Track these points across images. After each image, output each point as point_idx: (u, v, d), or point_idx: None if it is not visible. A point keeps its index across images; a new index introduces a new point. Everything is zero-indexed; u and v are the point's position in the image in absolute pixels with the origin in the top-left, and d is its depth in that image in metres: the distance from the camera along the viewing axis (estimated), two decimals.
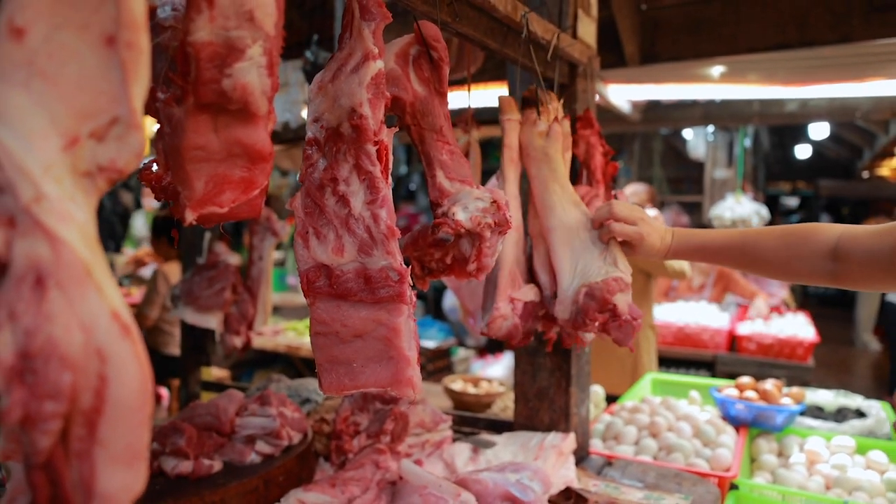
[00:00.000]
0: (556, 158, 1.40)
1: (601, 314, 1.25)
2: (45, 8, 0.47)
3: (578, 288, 1.28)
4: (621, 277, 1.30)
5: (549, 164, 1.39)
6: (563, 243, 1.37)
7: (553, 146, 1.39)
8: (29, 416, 0.43)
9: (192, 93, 0.60)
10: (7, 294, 0.44)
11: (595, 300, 1.25)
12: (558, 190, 1.40)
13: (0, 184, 0.45)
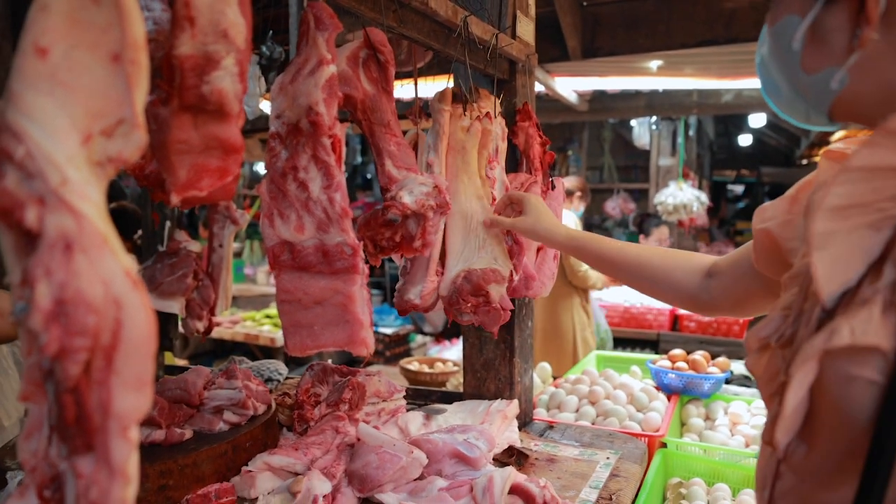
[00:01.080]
0: (471, 152, 1.54)
1: (474, 298, 1.41)
2: (63, 31, 0.60)
3: (459, 271, 1.44)
4: (498, 270, 1.46)
5: (464, 157, 1.54)
6: (457, 229, 1.52)
7: (470, 141, 1.54)
8: (63, 349, 0.55)
9: (177, 96, 0.72)
10: (42, 257, 0.56)
11: (471, 284, 1.41)
12: (466, 180, 1.54)
13: (32, 171, 0.57)
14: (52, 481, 0.69)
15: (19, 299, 0.62)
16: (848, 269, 0.67)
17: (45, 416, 0.69)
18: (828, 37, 0.71)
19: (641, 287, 1.37)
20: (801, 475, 0.74)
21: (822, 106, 0.75)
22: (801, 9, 0.72)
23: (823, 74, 0.72)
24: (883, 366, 0.61)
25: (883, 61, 0.68)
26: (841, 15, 0.69)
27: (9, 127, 0.57)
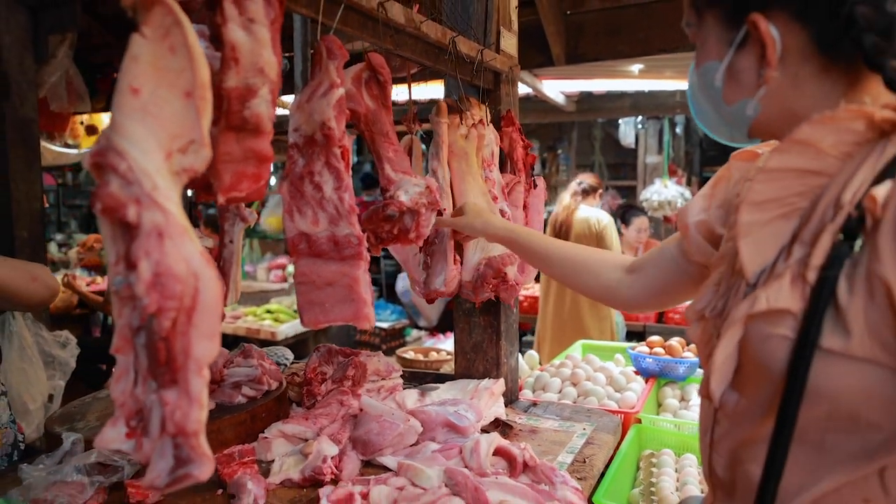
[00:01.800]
0: (472, 156, 1.76)
1: (495, 280, 1.65)
2: (149, 75, 0.80)
3: (480, 259, 1.67)
4: (512, 254, 1.70)
5: (466, 160, 1.75)
6: None
7: (470, 146, 1.75)
8: (159, 308, 0.76)
9: (224, 118, 0.93)
10: (142, 242, 0.77)
11: (492, 269, 1.66)
12: (471, 181, 1.76)
13: (131, 180, 0.78)
14: (137, 413, 0.90)
15: (116, 274, 0.83)
16: (766, 251, 0.88)
17: (130, 365, 0.90)
18: (740, 76, 0.91)
19: (568, 280, 1.51)
20: (734, 419, 0.94)
21: (742, 129, 0.96)
22: (719, 55, 0.93)
23: (740, 105, 0.93)
24: (793, 324, 0.80)
25: (784, 92, 0.89)
26: (749, 59, 0.89)
27: (114, 147, 0.78)
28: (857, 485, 0.80)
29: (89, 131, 5.40)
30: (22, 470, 1.42)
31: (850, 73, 0.85)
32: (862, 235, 0.76)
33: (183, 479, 0.89)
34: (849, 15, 0.80)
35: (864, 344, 0.74)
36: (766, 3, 0.86)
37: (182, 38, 0.81)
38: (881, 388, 0.75)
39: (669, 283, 1.31)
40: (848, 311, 0.75)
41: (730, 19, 0.91)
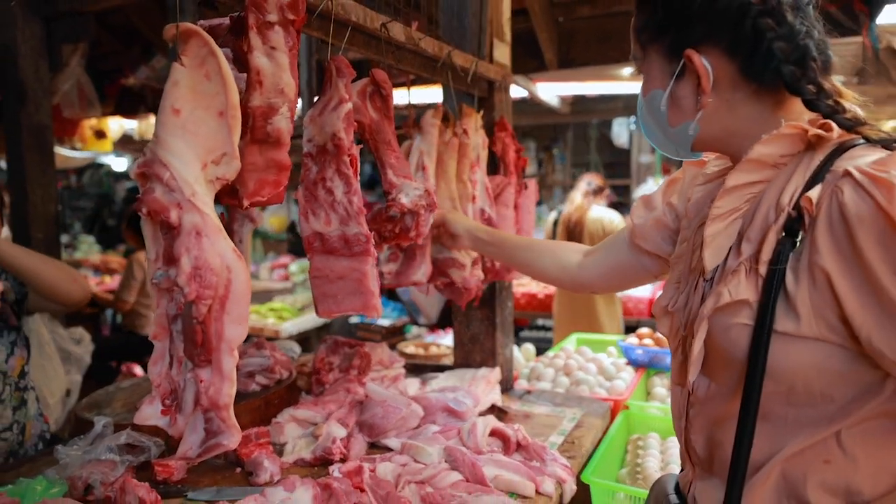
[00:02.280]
0: (448, 162, 1.88)
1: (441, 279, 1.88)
2: (188, 98, 0.94)
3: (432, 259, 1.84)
4: (457, 259, 1.87)
5: (442, 166, 1.88)
6: None
7: (448, 153, 1.88)
8: (198, 296, 0.90)
9: (249, 133, 1.07)
10: (183, 240, 0.91)
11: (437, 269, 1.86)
12: (443, 185, 1.87)
13: (174, 187, 0.92)
14: (172, 393, 1.04)
15: (157, 269, 0.97)
16: (721, 251, 1.02)
17: (166, 349, 1.03)
18: (681, 102, 1.05)
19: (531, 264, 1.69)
20: (706, 402, 1.08)
21: (686, 146, 1.10)
22: (662, 84, 1.06)
23: (682, 126, 1.07)
24: (750, 313, 0.94)
25: (720, 114, 1.03)
26: (687, 87, 1.03)
27: (158, 160, 0.92)
28: (817, 448, 0.93)
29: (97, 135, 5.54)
30: (58, 451, 1.56)
31: (776, 95, 0.99)
32: (802, 232, 0.90)
33: (213, 448, 1.04)
34: (768, 49, 0.94)
35: (811, 325, 0.88)
36: (698, 40, 1.00)
37: (216, 66, 0.95)
38: (830, 363, 0.89)
39: (619, 267, 1.47)
40: (796, 298, 0.89)
41: (669, 54, 1.04)
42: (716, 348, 1.00)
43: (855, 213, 0.83)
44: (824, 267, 0.86)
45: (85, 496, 1.45)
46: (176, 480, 1.57)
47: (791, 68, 0.94)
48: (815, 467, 0.93)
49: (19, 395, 1.97)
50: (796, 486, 0.95)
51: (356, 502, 1.26)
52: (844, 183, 0.85)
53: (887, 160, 0.84)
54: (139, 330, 4.50)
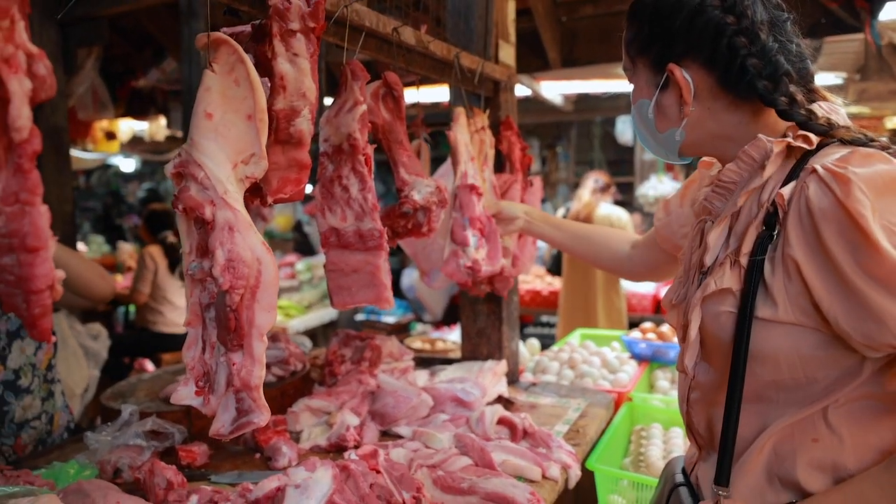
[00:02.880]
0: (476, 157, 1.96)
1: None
2: (220, 102, 1.02)
3: None
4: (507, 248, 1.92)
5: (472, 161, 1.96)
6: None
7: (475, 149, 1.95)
8: (231, 286, 0.98)
9: (273, 134, 1.14)
10: (217, 235, 0.98)
11: None
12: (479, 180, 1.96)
13: (207, 186, 0.99)
14: (204, 375, 1.11)
15: (191, 261, 1.05)
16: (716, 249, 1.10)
17: (199, 335, 1.11)
18: (666, 111, 1.13)
19: (586, 252, 1.80)
20: (704, 386, 1.15)
21: (673, 150, 1.18)
22: (649, 94, 1.15)
23: (669, 133, 1.15)
24: (734, 301, 1.03)
25: (703, 121, 1.11)
26: (671, 97, 1.11)
27: (193, 160, 0.99)
28: (806, 427, 1.01)
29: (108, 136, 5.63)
30: (87, 437, 1.64)
31: (753, 105, 1.08)
32: (778, 226, 0.98)
33: (245, 425, 1.11)
34: (742, 65, 1.03)
35: (787, 311, 0.96)
36: (680, 54, 1.08)
37: (245, 72, 1.02)
38: (808, 347, 0.97)
39: (657, 263, 1.59)
40: (773, 287, 0.97)
41: (654, 67, 1.13)
42: (709, 335, 1.07)
43: (818, 207, 0.91)
44: (795, 257, 0.94)
45: (114, 479, 1.53)
46: (199, 465, 1.65)
47: (764, 83, 1.03)
48: (804, 446, 1.00)
49: (47, 387, 2.05)
50: (786, 464, 1.02)
51: (372, 482, 1.33)
52: (811, 179, 0.94)
53: (849, 157, 0.92)
54: (151, 326, 4.58)
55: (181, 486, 1.40)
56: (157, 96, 5.07)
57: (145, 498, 1.38)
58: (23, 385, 1.98)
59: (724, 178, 1.09)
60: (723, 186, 1.09)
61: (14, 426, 1.95)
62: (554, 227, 1.89)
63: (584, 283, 5.07)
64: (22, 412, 1.96)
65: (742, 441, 1.05)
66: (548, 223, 1.90)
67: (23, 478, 1.39)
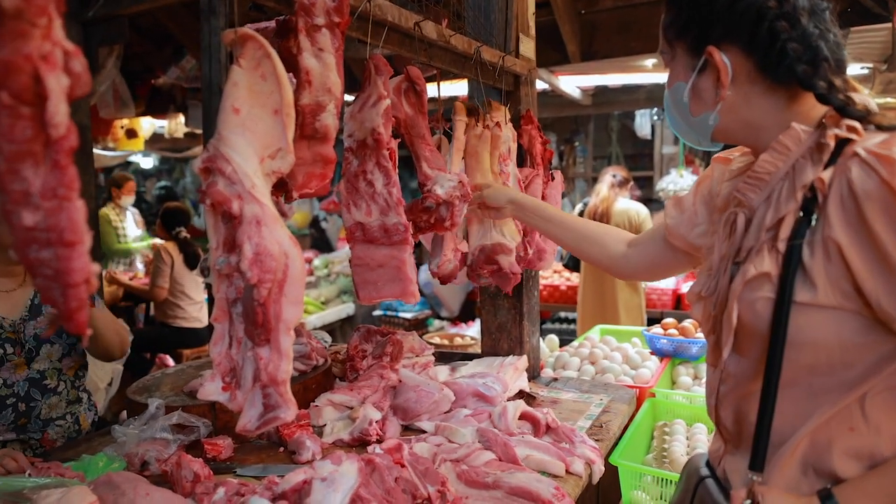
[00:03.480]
0: (482, 155, 1.94)
1: (488, 266, 1.85)
2: (246, 97, 1.02)
3: (476, 247, 1.86)
4: (505, 244, 1.87)
5: (477, 158, 1.94)
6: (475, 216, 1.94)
7: (482, 145, 1.94)
8: (259, 280, 0.98)
9: (299, 129, 1.15)
10: (244, 229, 0.99)
11: (485, 255, 1.85)
12: (479, 178, 1.93)
13: (235, 180, 1.00)
14: (231, 371, 1.12)
15: (218, 256, 1.05)
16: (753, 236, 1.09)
17: (226, 331, 1.12)
18: (702, 94, 1.13)
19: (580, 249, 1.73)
20: (735, 379, 1.14)
21: (706, 135, 1.17)
22: (685, 77, 1.14)
23: (703, 117, 1.14)
24: (772, 286, 1.02)
25: (737, 107, 1.10)
26: (708, 81, 1.11)
27: (221, 155, 1.00)
28: (842, 416, 1.00)
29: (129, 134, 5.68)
30: (115, 430, 1.66)
31: (790, 90, 1.07)
32: (816, 210, 0.97)
33: (272, 420, 1.12)
34: (782, 49, 1.02)
35: (827, 294, 0.96)
36: (719, 38, 1.08)
37: (271, 67, 1.02)
38: (848, 331, 0.97)
39: (659, 261, 1.54)
40: (812, 270, 0.97)
41: (692, 50, 1.12)
42: (743, 324, 1.07)
43: (861, 189, 0.92)
44: (836, 239, 0.94)
45: (141, 471, 1.55)
46: (224, 458, 1.66)
47: (803, 67, 1.02)
48: (840, 435, 1.00)
49: (75, 393, 2.10)
50: (822, 454, 1.01)
51: (398, 476, 1.33)
52: (852, 162, 0.94)
53: (890, 140, 0.93)
54: (171, 322, 4.63)
55: (208, 479, 1.41)
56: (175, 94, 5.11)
57: (172, 490, 1.39)
58: (49, 385, 2.01)
59: (758, 168, 1.08)
60: (757, 177, 1.08)
61: (40, 422, 1.99)
62: (545, 218, 1.78)
63: (602, 280, 5.05)
64: (48, 410, 2.00)
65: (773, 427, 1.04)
66: (539, 214, 1.79)
67: (53, 469, 1.41)
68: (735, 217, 1.12)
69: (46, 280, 0.72)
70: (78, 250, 0.72)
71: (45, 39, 0.70)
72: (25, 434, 1.96)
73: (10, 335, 1.96)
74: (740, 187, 1.12)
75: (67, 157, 0.71)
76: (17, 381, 1.95)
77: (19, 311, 2.01)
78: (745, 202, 1.11)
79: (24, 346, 1.98)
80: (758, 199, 1.09)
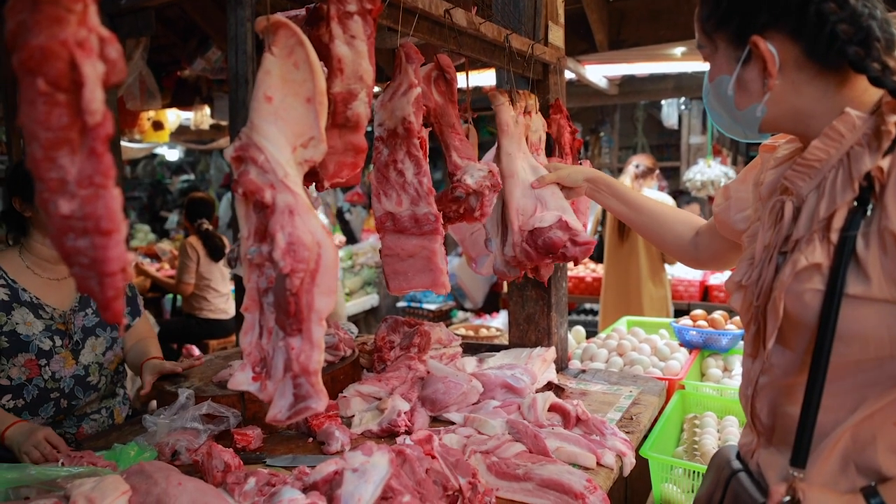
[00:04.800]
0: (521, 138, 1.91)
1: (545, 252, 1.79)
2: (279, 86, 1.01)
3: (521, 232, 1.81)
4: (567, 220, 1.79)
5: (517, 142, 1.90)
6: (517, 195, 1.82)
7: (518, 129, 1.90)
8: (292, 270, 0.97)
9: (330, 118, 1.14)
10: (277, 219, 0.98)
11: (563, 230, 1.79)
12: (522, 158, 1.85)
13: (267, 169, 0.99)
14: (261, 361, 1.12)
15: (250, 246, 1.05)
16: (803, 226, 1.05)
17: (256, 321, 1.11)
18: (748, 86, 1.08)
19: (650, 231, 1.71)
20: (777, 371, 1.11)
21: (754, 128, 1.13)
22: (729, 70, 1.10)
23: (750, 109, 1.10)
24: (822, 278, 0.99)
25: (786, 95, 1.06)
26: (753, 71, 1.07)
27: (254, 144, 0.99)
28: (888, 411, 0.97)
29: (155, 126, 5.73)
30: (145, 420, 1.67)
31: (840, 74, 1.02)
32: (872, 200, 0.93)
33: (303, 411, 1.11)
34: (832, 32, 0.98)
35: (881, 287, 0.93)
36: (763, 26, 1.04)
37: (304, 55, 1.01)
38: None
39: (717, 249, 1.54)
40: (866, 262, 0.94)
41: (735, 41, 1.08)
42: (789, 315, 1.03)
43: None
44: (894, 231, 0.90)
45: (172, 461, 1.56)
46: (253, 448, 1.67)
47: (855, 48, 0.98)
48: (885, 430, 0.97)
49: (111, 388, 2.12)
50: (864, 449, 0.98)
51: (428, 468, 1.32)
52: None
53: None
54: (197, 313, 4.67)
55: (238, 469, 1.42)
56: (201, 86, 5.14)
57: (203, 480, 1.40)
58: (91, 382, 2.03)
59: (808, 155, 1.05)
60: (807, 164, 1.05)
61: (75, 417, 2.01)
62: (619, 198, 1.77)
63: (626, 272, 4.99)
64: (84, 405, 2.02)
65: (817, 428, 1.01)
66: (613, 193, 1.78)
67: (86, 458, 1.42)
68: (782, 205, 1.09)
69: (83, 269, 0.72)
70: (114, 239, 0.71)
71: (80, 25, 0.69)
72: (61, 428, 1.99)
73: (60, 326, 1.97)
74: (788, 175, 1.08)
75: (104, 145, 0.71)
76: (65, 376, 1.97)
77: (70, 301, 2.02)
78: (793, 190, 1.07)
79: (72, 337, 1.99)
80: (807, 187, 1.05)
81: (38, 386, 1.93)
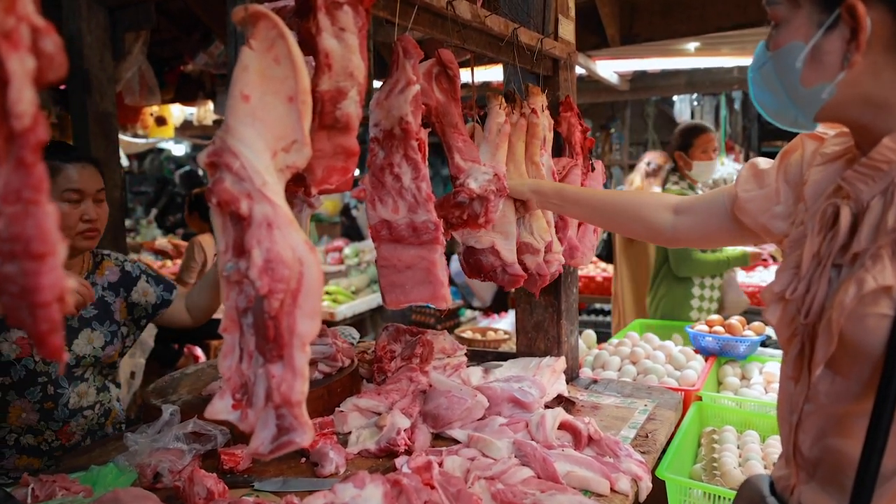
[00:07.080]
0: (516, 144, 1.77)
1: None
2: (257, 83, 0.90)
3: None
4: (531, 243, 1.74)
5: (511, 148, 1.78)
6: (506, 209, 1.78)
7: (516, 134, 1.78)
8: (270, 290, 0.86)
9: (317, 119, 1.02)
10: (254, 232, 0.87)
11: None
12: (512, 168, 1.76)
13: (243, 177, 0.88)
14: (242, 387, 1.01)
15: (227, 262, 0.94)
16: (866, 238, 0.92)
17: (236, 343, 1.00)
18: (824, 58, 0.93)
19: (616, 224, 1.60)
20: (824, 399, 0.98)
21: (811, 113, 0.98)
22: (805, 35, 0.94)
23: (817, 88, 0.94)
24: (890, 301, 0.85)
25: (861, 78, 0.92)
26: (835, 42, 0.91)
27: (229, 148, 0.88)
28: None
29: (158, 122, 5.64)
30: (127, 437, 1.57)
31: None
32: None
33: (285, 445, 1.00)
34: None
35: None
36: None
37: (286, 49, 0.90)
38: None
39: (717, 230, 1.37)
40: None
41: (824, 1, 0.92)
42: (846, 340, 0.90)
43: None
44: None
45: (154, 484, 1.45)
46: (242, 470, 1.57)
47: None
48: None
49: (101, 380, 2.02)
50: None
51: (427, 500, 1.21)
52: None
53: None
54: None
55: (221, 496, 1.32)
56: (205, 81, 5.04)
57: None
58: (76, 373, 1.94)
59: (876, 155, 0.91)
60: (873, 165, 0.91)
61: (67, 411, 1.91)
62: (571, 201, 1.64)
63: (636, 272, 4.86)
64: (77, 399, 1.92)
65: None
66: (563, 199, 1.65)
67: (59, 483, 1.32)
68: (836, 209, 0.95)
69: (13, 298, 0.61)
70: (48, 263, 0.60)
71: (7, 13, 0.59)
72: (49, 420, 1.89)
73: None
74: (848, 176, 0.95)
75: (34, 154, 0.60)
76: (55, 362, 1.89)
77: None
78: (851, 193, 0.94)
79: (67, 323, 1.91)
80: (869, 191, 0.92)
81: (27, 367, 1.85)
